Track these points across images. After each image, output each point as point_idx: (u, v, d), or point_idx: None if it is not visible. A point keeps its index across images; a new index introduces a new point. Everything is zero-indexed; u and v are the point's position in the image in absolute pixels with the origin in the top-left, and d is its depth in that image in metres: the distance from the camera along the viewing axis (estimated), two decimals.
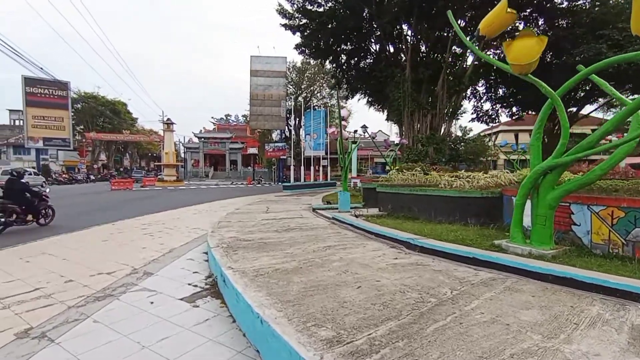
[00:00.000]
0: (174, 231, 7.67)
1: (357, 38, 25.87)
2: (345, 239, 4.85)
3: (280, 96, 41.45)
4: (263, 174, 48.46)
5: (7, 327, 2.97)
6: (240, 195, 19.91)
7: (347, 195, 7.12)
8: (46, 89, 42.76)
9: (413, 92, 22.96)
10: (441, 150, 21.68)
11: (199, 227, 8.17)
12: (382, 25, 22.50)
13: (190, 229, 7.96)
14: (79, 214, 11.89)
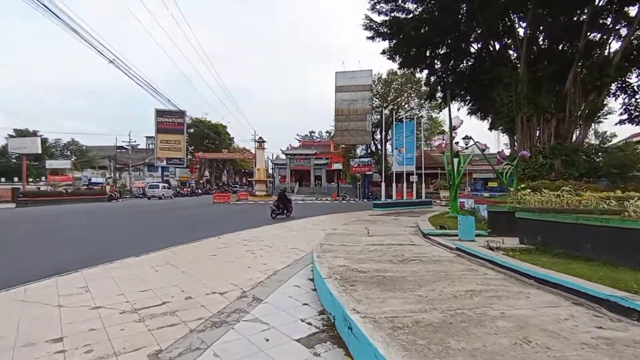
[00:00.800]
0: (274, 250, 7.43)
1: (453, 40, 24.08)
2: (491, 282, 3.84)
3: (365, 110, 41.01)
4: (347, 189, 48.19)
5: (142, 344, 3.00)
6: (329, 212, 19.61)
7: (471, 221, 6.00)
8: (170, 118, 51.49)
9: (529, 94, 20.15)
10: (573, 162, 18.05)
11: (297, 247, 7.83)
12: (486, 21, 20.43)
13: (289, 248, 7.65)
14: (192, 225, 12.81)
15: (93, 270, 5.57)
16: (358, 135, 41.81)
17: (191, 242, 8.34)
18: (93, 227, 12.83)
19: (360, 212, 18.24)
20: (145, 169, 62.73)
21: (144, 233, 11.04)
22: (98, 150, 63.37)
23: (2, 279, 5.25)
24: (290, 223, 12.94)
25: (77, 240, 9.59)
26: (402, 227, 9.66)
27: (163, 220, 15.31)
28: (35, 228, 12.16)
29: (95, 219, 15.74)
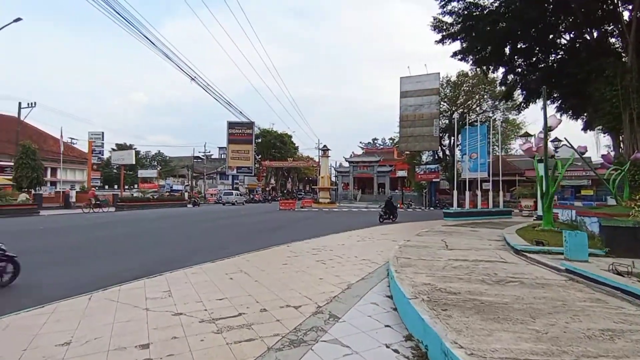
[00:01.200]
0: (344, 261, 7.09)
1: (538, 32, 21.71)
2: (632, 319, 3.06)
3: (432, 115, 39.20)
4: (413, 197, 46.39)
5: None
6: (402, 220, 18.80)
7: (582, 238, 4.99)
8: (240, 129, 55.03)
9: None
10: None
11: (369, 258, 7.41)
12: (583, 7, 18.00)
13: (360, 259, 7.25)
14: (261, 232, 13.09)
15: (175, 274, 5.77)
16: (424, 141, 40.08)
17: (261, 249, 8.36)
18: (175, 230, 13.70)
19: (430, 222, 17.17)
20: (218, 177, 67.37)
21: (218, 238, 11.46)
22: (178, 161, 69.51)
23: (103, 276, 5.71)
24: (357, 232, 12.53)
25: (163, 242, 10.22)
26: (484, 240, 8.71)
27: (234, 225, 15.88)
28: (129, 230, 13.38)
29: (177, 223, 16.85)
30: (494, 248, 7.46)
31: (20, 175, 26.27)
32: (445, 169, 40.90)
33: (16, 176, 26.51)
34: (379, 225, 15.14)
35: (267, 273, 5.87)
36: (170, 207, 31.39)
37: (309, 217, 21.20)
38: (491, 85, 36.60)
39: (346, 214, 24.92)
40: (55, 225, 14.78)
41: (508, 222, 15.88)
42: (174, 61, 19.12)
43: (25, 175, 26.21)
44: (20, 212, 20.46)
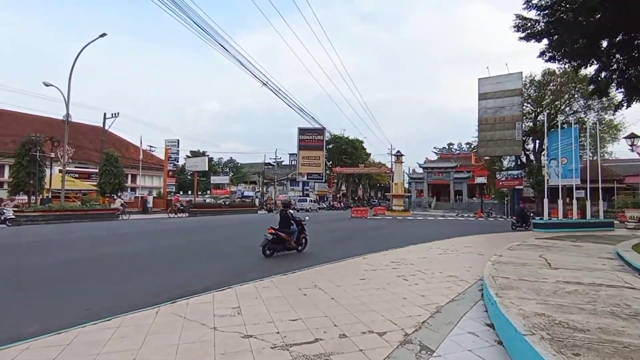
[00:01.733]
0: (429, 277, 6.41)
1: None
2: None
3: (514, 117, 35.57)
4: (493, 205, 42.43)
5: None
6: (478, 231, 17.12)
7: None
8: (310, 135, 55.04)
9: None
10: None
11: (456, 274, 6.61)
12: None
13: (446, 276, 6.50)
14: (334, 241, 12.83)
15: (245, 287, 5.49)
16: (505, 146, 36.50)
17: (335, 261, 7.98)
18: (247, 237, 13.96)
19: (517, 234, 15.29)
20: (288, 183, 68.92)
21: None
22: (249, 167, 72.53)
23: (175, 285, 5.77)
24: (438, 244, 11.56)
25: (235, 250, 10.51)
26: (593, 258, 7.27)
27: None
28: (204, 237, 14.04)
29: (249, 230, 17.26)
30: (610, 269, 6.12)
31: (104, 181, 27.78)
32: (530, 175, 36.62)
33: (100, 182, 28.10)
34: (460, 237, 13.86)
35: (343, 290, 5.44)
36: (241, 214, 32.03)
37: (383, 226, 20.45)
38: (582, 83, 31.91)
39: (422, 223, 23.58)
40: (133, 230, 15.71)
41: (613, 235, 13.42)
42: (246, 67, 20.06)
43: (108, 182, 27.64)
44: (102, 216, 21.49)
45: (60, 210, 19.64)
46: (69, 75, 21.10)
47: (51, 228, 16.04)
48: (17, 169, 22.27)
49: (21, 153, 22.31)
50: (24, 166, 22.01)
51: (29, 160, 21.88)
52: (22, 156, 22.22)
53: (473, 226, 21.54)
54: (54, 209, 19.49)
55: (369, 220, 26.63)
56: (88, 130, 40.00)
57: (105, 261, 8.20)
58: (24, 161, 22.07)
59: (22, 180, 22.06)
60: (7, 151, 26.55)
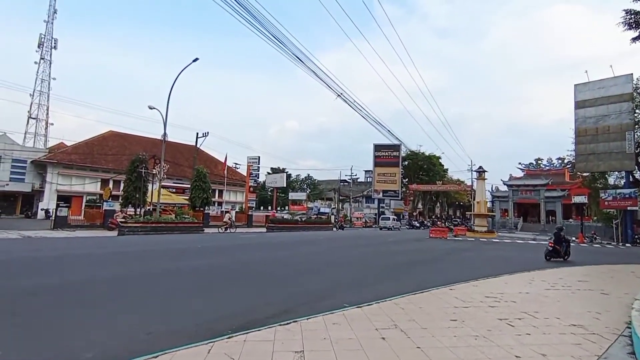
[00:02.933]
0: (542, 324, 4.77)
1: None
2: None
3: (623, 127, 29.60)
4: (596, 229, 35.40)
5: None
6: (587, 261, 13.83)
7: None
8: (386, 152, 53.41)
9: None
10: None
11: (581, 323, 4.82)
12: None
13: (567, 325, 4.76)
14: (412, 264, 11.33)
15: (312, 323, 4.51)
16: (612, 160, 30.46)
17: (417, 292, 6.58)
18: (320, 257, 13.19)
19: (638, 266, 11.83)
20: (364, 200, 67.31)
21: (363, 269, 10.31)
22: (326, 184, 72.48)
23: (237, 312, 5.06)
24: (540, 275, 9.32)
25: (306, 271, 9.73)
26: None
27: (381, 254, 14.56)
28: (275, 255, 13.34)
29: (322, 249, 16.55)
30: None
31: (194, 195, 28.98)
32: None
33: (191, 197, 29.42)
34: (567, 266, 11.16)
35: (431, 335, 4.17)
36: (316, 230, 31.33)
37: (467, 249, 18.01)
38: None
39: (511, 247, 20.32)
40: (211, 244, 15.47)
41: None
42: (321, 78, 19.74)
43: (198, 196, 28.73)
44: (188, 229, 22.09)
45: (156, 222, 20.79)
46: (167, 99, 22.77)
47: (146, 239, 17.09)
48: (127, 184, 24.24)
49: (131, 170, 24.14)
50: (132, 181, 23.75)
51: (136, 176, 23.57)
52: (131, 172, 24.00)
53: (577, 253, 17.70)
54: (151, 221, 20.71)
55: (450, 241, 23.99)
56: (184, 149, 43.21)
57: (180, 276, 8.13)
58: (132, 177, 23.81)
59: (130, 194, 23.83)
60: (123, 169, 29.62)
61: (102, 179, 35.56)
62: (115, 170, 33.90)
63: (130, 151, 33.47)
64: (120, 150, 37.73)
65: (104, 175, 35.69)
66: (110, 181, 34.63)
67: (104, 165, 36.11)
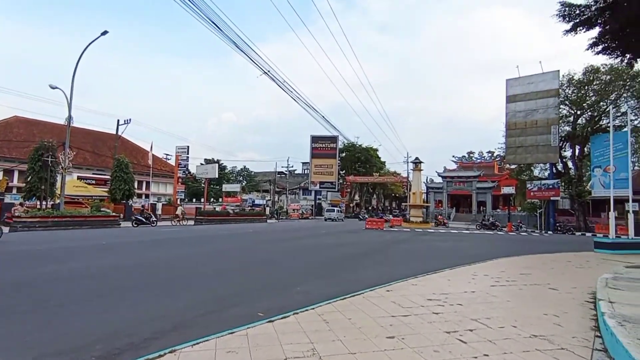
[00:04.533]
0: (497, 334, 3.84)
1: None
2: None
3: (549, 121, 32.52)
4: (522, 218, 39.13)
5: None
6: (521, 250, 14.25)
7: None
8: (323, 143, 54.35)
9: None
10: None
11: (543, 333, 4.01)
12: None
13: (528, 335, 3.91)
14: (345, 259, 10.32)
15: (197, 352, 3.17)
16: (538, 152, 33.39)
17: (348, 296, 5.44)
18: (243, 253, 11.86)
19: (569, 254, 12.41)
20: (300, 192, 67.20)
21: (290, 267, 9.05)
22: (262, 176, 71.33)
23: (89, 342, 3.31)
24: (481, 267, 8.89)
25: (222, 271, 8.22)
26: None
27: (314, 249, 13.49)
28: (192, 251, 11.91)
29: (250, 243, 15.24)
30: None
31: (114, 187, 27.80)
32: (569, 185, 33.30)
33: (111, 188, 28.12)
34: (504, 257, 11.10)
35: (364, 349, 3.04)
36: (249, 222, 30.96)
37: (403, 240, 17.81)
38: (635, 80, 28.77)
39: (447, 238, 20.78)
40: (121, 240, 14.00)
41: None
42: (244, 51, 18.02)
43: (118, 188, 27.62)
44: (101, 223, 20.83)
45: (59, 216, 19.00)
46: (72, 77, 20.58)
47: (41, 235, 15.10)
48: (30, 175, 22.57)
49: (34, 158, 22.41)
50: (36, 171, 22.16)
51: (41, 166, 22.02)
52: (34, 161, 22.30)
53: (510, 243, 18.65)
54: (52, 215, 18.99)
55: (386, 232, 23.98)
56: (108, 138, 41.21)
57: (48, 283, 5.95)
58: (36, 166, 22.18)
59: (35, 186, 22.25)
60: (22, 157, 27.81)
61: (5, 169, 33.36)
62: (21, 160, 31.50)
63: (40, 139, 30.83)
64: (29, 138, 35.12)
65: (7, 165, 33.50)
66: (14, 172, 32.90)
67: (7, 155, 34.03)
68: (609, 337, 3.50)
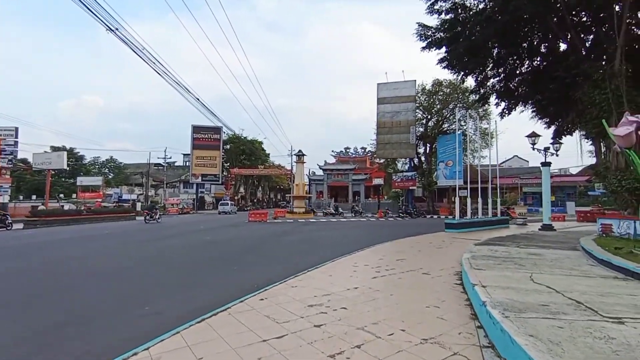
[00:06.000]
0: (389, 351, 3.10)
1: (525, 36, 19.54)
2: None
3: (409, 122, 36.49)
4: (389, 205, 43.35)
5: None
6: (392, 235, 14.96)
7: None
8: (206, 134, 49.87)
9: (632, 90, 15.27)
10: None
11: (433, 335, 3.46)
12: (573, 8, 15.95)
13: (419, 341, 3.27)
14: (220, 259, 8.69)
15: None
16: (401, 148, 37.18)
17: (208, 315, 4.07)
18: (89, 263, 9.18)
19: (429, 236, 13.56)
20: (181, 185, 61.07)
21: (154, 275, 7.11)
22: (135, 168, 62.00)
23: None
24: (361, 256, 8.55)
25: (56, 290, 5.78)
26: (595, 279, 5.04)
27: (189, 249, 11.48)
28: (21, 265, 8.63)
29: (101, 248, 12.25)
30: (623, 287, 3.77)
31: None
32: (422, 176, 38.18)
33: None
34: (380, 244, 11.21)
35: None
36: (113, 221, 25.61)
37: (286, 232, 17.02)
38: (464, 94, 34.48)
39: (328, 226, 20.93)
40: None
41: (536, 236, 12.56)
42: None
43: None
44: None
45: None
46: None
47: None
48: None
49: None
50: None
51: None
52: None
53: (381, 228, 19.80)
54: None
55: (269, 224, 22.95)
56: None
57: None
58: None
59: None
60: None
61: None
62: None
63: None
64: None
65: None
66: None
67: None
68: (498, 334, 3.05)
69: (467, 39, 19.50)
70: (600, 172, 17.07)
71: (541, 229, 13.96)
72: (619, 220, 9.11)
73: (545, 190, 14.42)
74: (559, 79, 17.68)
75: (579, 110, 17.50)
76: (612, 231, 9.13)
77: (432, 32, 22.26)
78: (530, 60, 21.23)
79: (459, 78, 25.04)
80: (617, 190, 14.99)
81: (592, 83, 16.09)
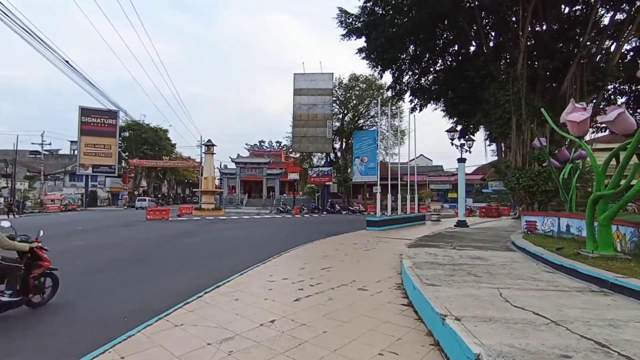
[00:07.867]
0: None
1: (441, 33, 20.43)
2: None
3: (325, 116, 36.12)
4: (304, 202, 42.61)
5: None
6: (311, 235, 13.69)
7: None
8: (98, 117, 42.51)
9: (528, 93, 16.85)
10: None
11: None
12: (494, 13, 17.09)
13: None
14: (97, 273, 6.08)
15: None
16: (318, 143, 36.61)
17: None
18: None
19: (351, 235, 12.73)
20: (67, 177, 51.03)
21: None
22: (4, 155, 49.63)
23: None
24: (277, 264, 6.94)
25: None
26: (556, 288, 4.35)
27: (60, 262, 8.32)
28: None
29: None
30: None
31: None
32: (338, 172, 38.28)
33: None
34: (298, 246, 9.74)
35: None
36: None
37: (190, 233, 14.46)
38: (379, 91, 35.50)
39: (240, 225, 18.77)
40: None
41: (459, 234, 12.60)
42: None
43: None
44: None
45: None
46: None
47: None
48: None
49: None
50: None
51: None
52: None
53: (298, 226, 18.48)
54: None
55: (171, 222, 19.75)
56: None
57: None
58: None
59: None
60: None
61: None
62: None
63: None
64: None
65: None
66: None
67: None
68: None
69: (387, 30, 19.48)
70: (502, 170, 18.70)
71: (457, 225, 14.30)
72: (543, 217, 9.31)
73: (460, 186, 14.84)
74: (469, 79, 18.75)
75: (485, 110, 18.82)
76: (536, 228, 9.31)
77: (352, 19, 21.86)
78: (444, 60, 22.28)
79: (377, 73, 25.40)
80: (514, 187, 16.42)
81: (498, 84, 17.32)
